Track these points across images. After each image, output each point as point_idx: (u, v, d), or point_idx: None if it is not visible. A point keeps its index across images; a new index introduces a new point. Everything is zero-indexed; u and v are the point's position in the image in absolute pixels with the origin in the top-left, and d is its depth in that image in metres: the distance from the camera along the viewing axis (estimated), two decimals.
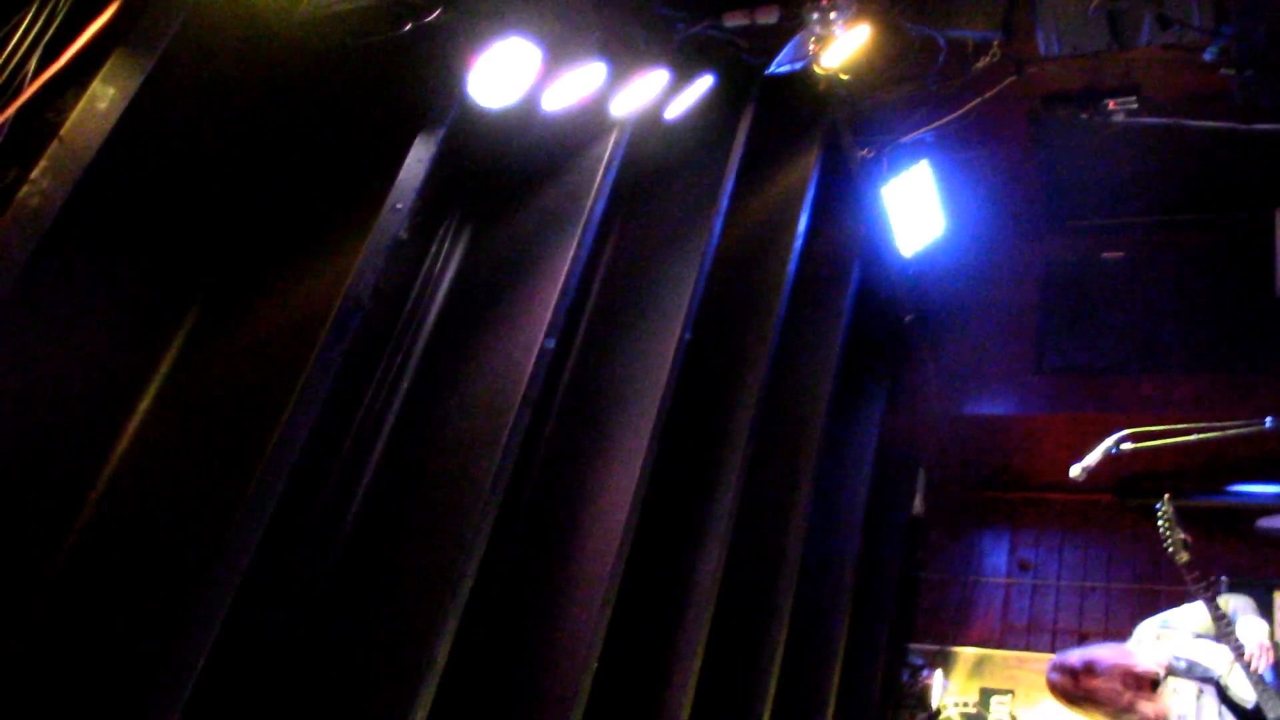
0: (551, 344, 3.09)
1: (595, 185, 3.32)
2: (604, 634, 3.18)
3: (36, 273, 2.08)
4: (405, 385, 3.18)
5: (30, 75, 1.91)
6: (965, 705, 5.44)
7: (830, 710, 4.70)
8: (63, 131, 1.92)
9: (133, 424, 2.50)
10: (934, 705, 5.42)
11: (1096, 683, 3.11)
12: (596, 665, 3.14)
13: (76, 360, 2.45)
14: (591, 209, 3.29)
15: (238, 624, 2.31)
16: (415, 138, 2.72)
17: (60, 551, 2.39)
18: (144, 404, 2.52)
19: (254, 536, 2.26)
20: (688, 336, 3.65)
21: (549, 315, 3.10)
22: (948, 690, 5.48)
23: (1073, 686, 3.14)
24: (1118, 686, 3.09)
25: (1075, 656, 3.21)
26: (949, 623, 5.78)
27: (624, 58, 3.26)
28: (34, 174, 1.88)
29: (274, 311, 2.59)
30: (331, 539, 2.94)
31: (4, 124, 1.88)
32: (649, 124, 3.57)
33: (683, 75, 3.55)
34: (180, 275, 2.63)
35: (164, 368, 2.56)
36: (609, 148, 3.39)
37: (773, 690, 4.07)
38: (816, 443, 4.54)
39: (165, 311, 2.59)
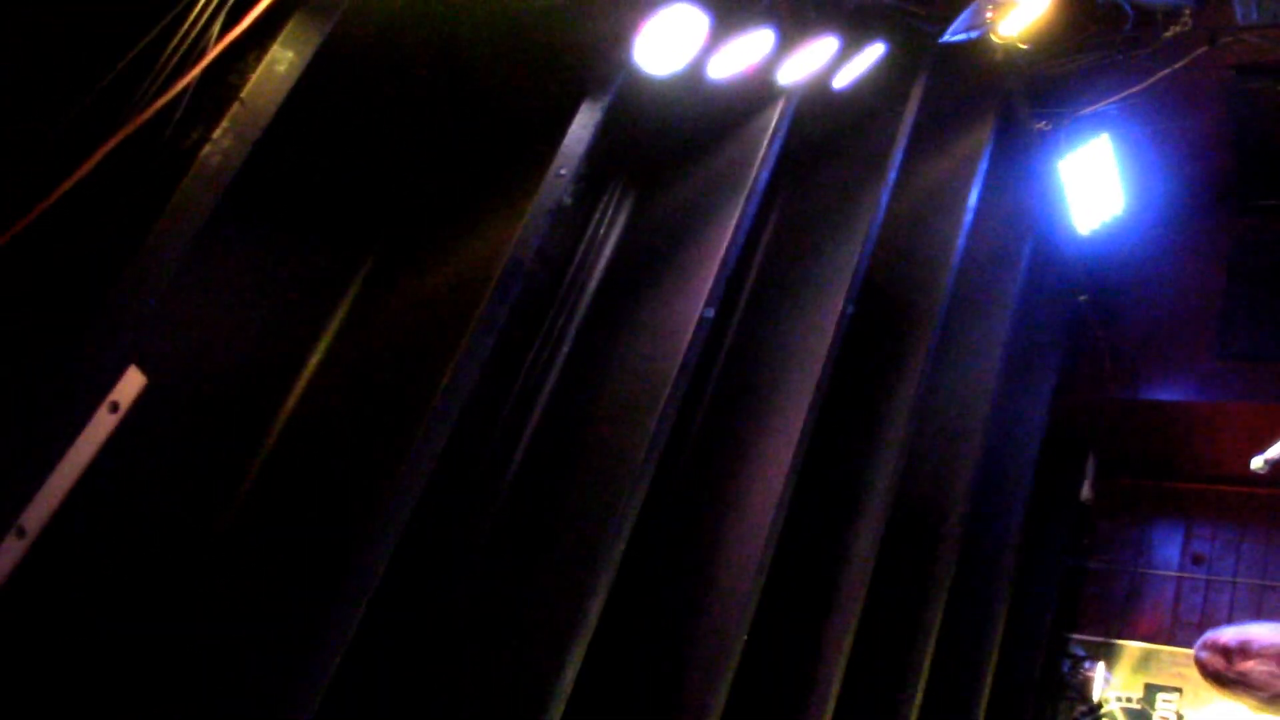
0: (711, 313, 3.08)
1: (760, 154, 3.29)
2: (756, 601, 3.16)
3: (218, 230, 2.16)
4: (565, 349, 3.22)
5: (213, 39, 1.98)
6: (1129, 701, 5.25)
7: (985, 695, 4.59)
8: (243, 94, 1.99)
9: (304, 376, 2.59)
10: (1095, 698, 5.25)
11: (1251, 664, 2.93)
12: (746, 635, 3.12)
13: (254, 314, 2.56)
14: (756, 178, 3.26)
15: (399, 576, 2.38)
16: (581, 104, 2.73)
17: (236, 497, 2.51)
18: (315, 358, 2.61)
19: (416, 488, 2.31)
20: (850, 310, 3.59)
21: (709, 285, 3.09)
22: (1110, 684, 5.30)
23: (1224, 667, 2.96)
24: (1275, 669, 2.91)
25: (1229, 634, 3.02)
26: (1115, 614, 5.58)
27: (792, 25, 3.22)
28: (215, 134, 1.95)
29: (439, 273, 2.65)
30: (491, 498, 3.00)
31: (188, 86, 1.95)
32: (816, 93, 3.51)
33: (852, 43, 3.48)
34: (351, 236, 2.71)
35: (333, 324, 2.66)
36: (775, 117, 3.36)
37: (926, 671, 4.00)
38: (981, 423, 4.43)
39: (336, 270, 2.68)
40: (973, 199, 4.27)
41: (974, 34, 3.77)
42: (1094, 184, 4.90)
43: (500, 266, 2.53)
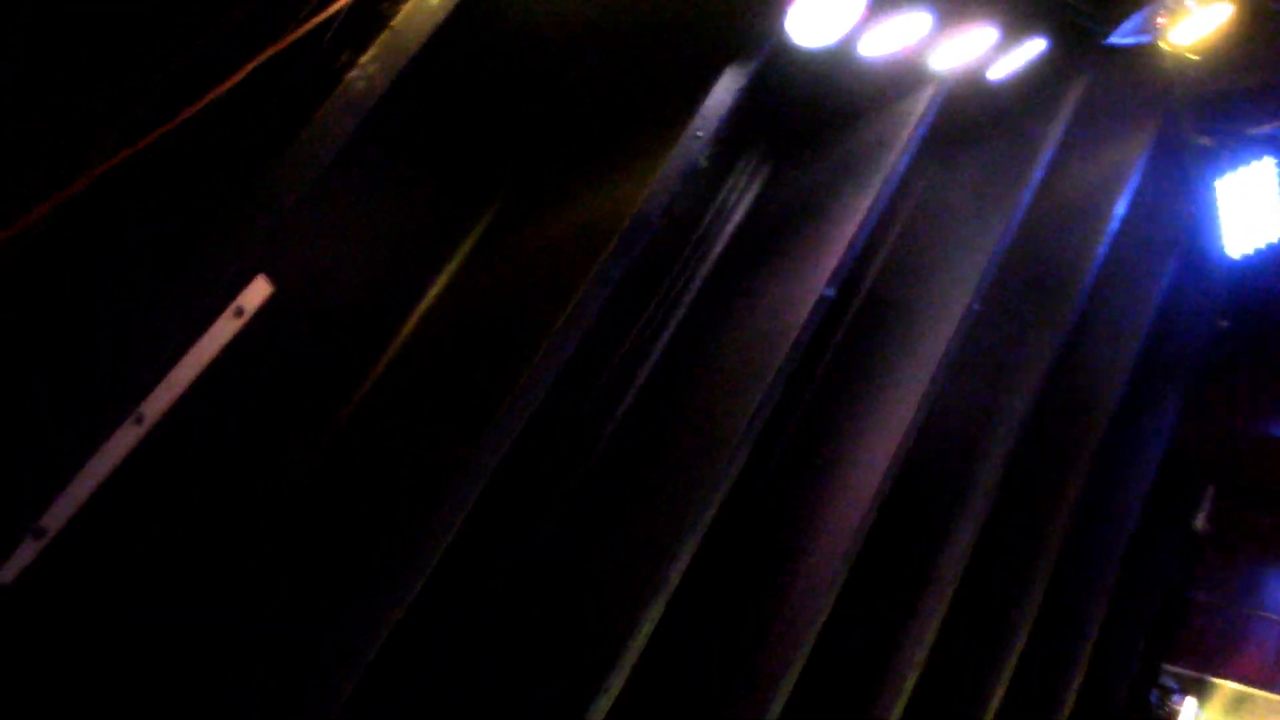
0: (832, 293, 3.06)
1: (904, 138, 3.24)
2: (839, 587, 3.15)
3: (357, 154, 2.22)
4: (681, 311, 3.23)
5: None
6: None
7: (1066, 714, 4.49)
8: (394, 22, 2.03)
9: (423, 304, 2.65)
10: None
11: None
12: (825, 618, 3.11)
13: (383, 239, 2.63)
14: (896, 162, 3.21)
15: (484, 517, 2.43)
16: (726, 68, 2.72)
17: (343, 413, 2.58)
18: (435, 288, 2.67)
19: (517, 424, 2.35)
20: (976, 308, 3.53)
21: (834, 264, 3.06)
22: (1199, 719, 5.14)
23: None
24: None
25: None
26: (1214, 651, 5.39)
27: (952, 10, 3.15)
28: (363, 59, 2.00)
29: (566, 220, 2.68)
30: (586, 450, 3.04)
31: (341, 11, 2.00)
32: (968, 81, 3.43)
33: (1012, 35, 3.39)
34: (483, 175, 2.75)
35: (457, 257, 2.71)
36: (923, 102, 3.29)
37: (1007, 678, 3.94)
38: (1097, 437, 4.31)
39: (466, 206, 2.73)
40: (1120, 207, 4.14)
41: (1142, 39, 3.65)
42: (1252, 208, 4.69)
43: (627, 220, 2.55)
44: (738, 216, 3.39)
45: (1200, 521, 5.46)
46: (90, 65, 1.94)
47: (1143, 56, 3.90)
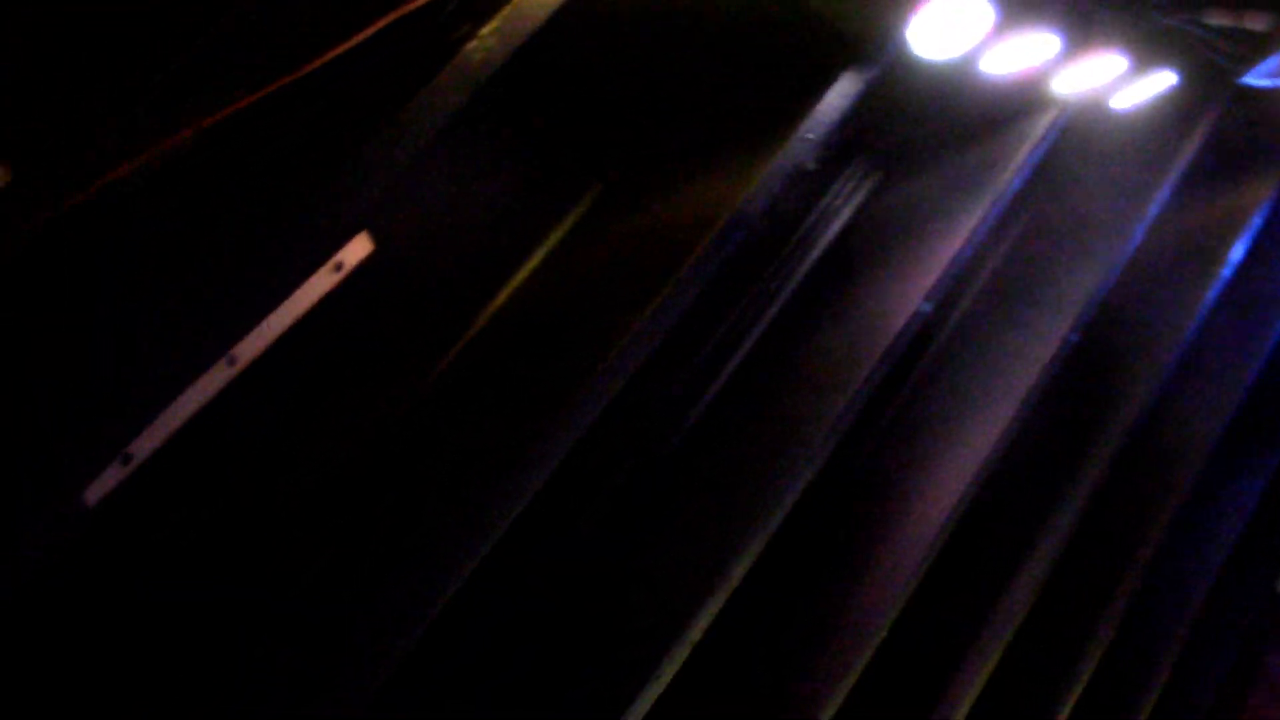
0: (929, 308, 3.03)
1: (1017, 160, 3.19)
2: (903, 603, 3.12)
3: (468, 125, 2.25)
4: (772, 311, 3.22)
5: None
6: None
7: None
8: None
9: (517, 279, 2.68)
10: None
11: None
12: (884, 635, 3.09)
13: (485, 211, 2.66)
14: (1007, 183, 3.17)
15: (543, 504, 2.44)
16: (843, 72, 2.71)
17: (429, 376, 2.62)
18: (531, 263, 2.70)
19: (598, 402, 2.36)
20: (1074, 339, 3.46)
21: (933, 279, 3.03)
22: None
23: None
24: None
25: None
26: None
27: (1081, 34, 3.08)
28: (483, 30, 2.02)
29: (663, 210, 2.69)
30: (662, 442, 3.04)
31: None
32: (1089, 109, 3.37)
33: (1141, 65, 3.31)
34: (588, 158, 2.77)
35: (555, 236, 2.73)
36: (1042, 125, 3.24)
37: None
38: (1184, 486, 4.20)
39: (568, 187, 2.75)
40: (1235, 253, 4.03)
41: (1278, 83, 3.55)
42: None
43: (726, 216, 2.55)
44: (839, 223, 3.36)
45: None
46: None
47: (1275, 99, 3.79)
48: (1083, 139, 3.61)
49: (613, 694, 2.58)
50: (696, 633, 2.69)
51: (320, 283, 2.28)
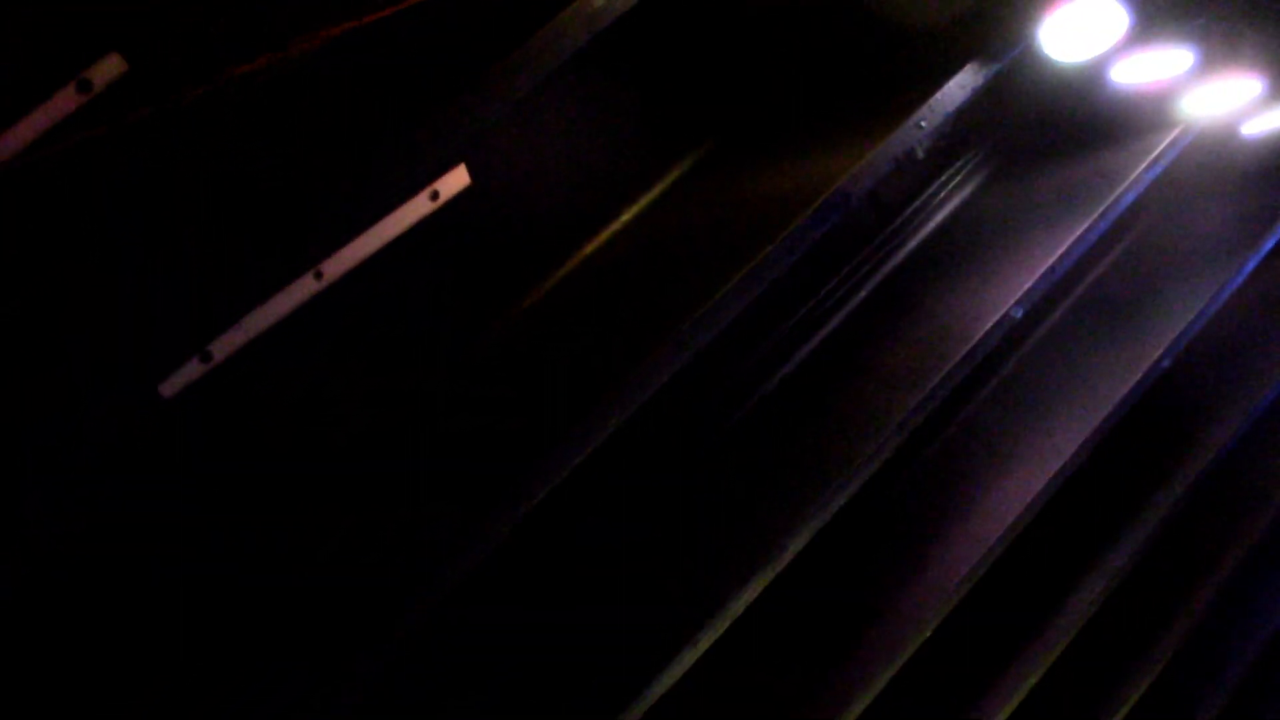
0: (1020, 314, 2.96)
1: (1133, 175, 3.09)
2: (953, 602, 3.08)
3: (582, 69, 2.24)
4: (859, 295, 3.18)
5: None
6: None
7: None
8: None
9: (610, 228, 2.67)
10: None
11: None
12: (928, 633, 3.05)
13: (587, 158, 2.65)
14: (1120, 197, 3.07)
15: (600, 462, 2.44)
16: (967, 63, 2.65)
17: (515, 316, 2.63)
18: (626, 215, 2.68)
19: (671, 366, 2.35)
20: (1165, 365, 3.38)
21: (1028, 285, 2.95)
22: None
23: None
24: None
25: None
26: None
27: (1218, 53, 2.98)
28: None
29: (766, 179, 2.66)
30: (727, 414, 3.02)
31: None
32: (1216, 131, 3.26)
33: (1276, 92, 3.19)
34: (697, 117, 2.75)
35: (653, 192, 2.72)
36: (1164, 142, 3.14)
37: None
38: (1253, 539, 4.10)
39: (673, 144, 2.74)
40: None
41: None
42: None
43: (828, 192, 2.51)
44: (940, 216, 3.31)
45: None
46: None
47: None
48: (1205, 162, 3.50)
49: (645, 660, 2.58)
50: (739, 606, 2.68)
51: (415, 209, 2.29)
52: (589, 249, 2.68)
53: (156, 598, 2.25)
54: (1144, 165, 3.11)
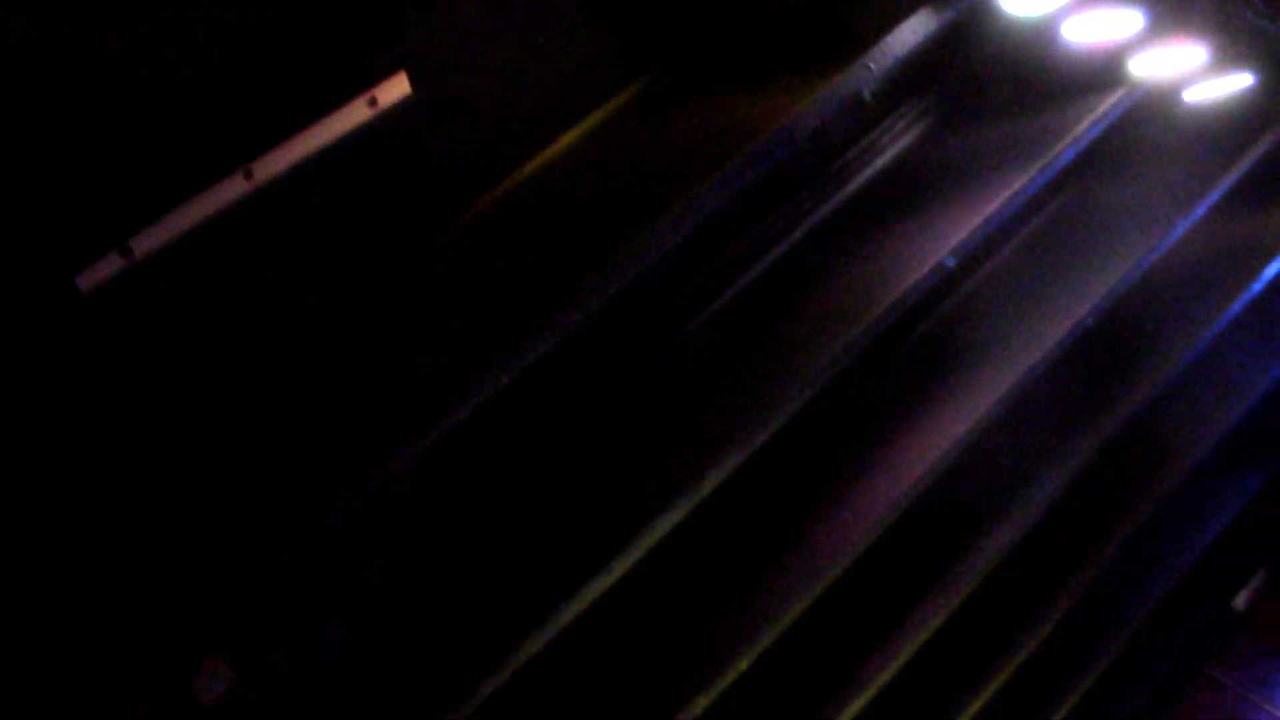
0: (952, 263, 2.98)
1: (1074, 132, 3.11)
2: (864, 546, 3.11)
3: None
4: (795, 235, 3.18)
5: None
6: None
7: None
8: None
9: (551, 150, 2.64)
10: None
11: None
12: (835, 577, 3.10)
13: (531, 77, 2.60)
14: (1060, 154, 3.09)
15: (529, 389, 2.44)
16: (921, 8, 2.64)
17: (450, 232, 2.60)
18: (567, 138, 2.65)
19: (597, 300, 2.34)
20: (1088, 324, 3.42)
21: (963, 235, 2.97)
22: None
23: None
24: None
25: None
26: None
27: (1167, 17, 2.99)
28: None
29: (711, 112, 2.63)
30: (658, 344, 3.02)
31: None
32: (1159, 97, 3.28)
33: (1221, 60, 3.21)
34: (646, 44, 2.71)
35: (595, 117, 2.68)
36: (1107, 103, 3.15)
37: (987, 696, 3.91)
38: (1163, 496, 4.19)
39: (619, 68, 2.70)
40: (1270, 270, 3.97)
41: None
42: None
43: (772, 130, 2.50)
44: (881, 161, 3.30)
45: (1239, 601, 5.35)
46: None
47: None
48: (1145, 125, 3.53)
49: (555, 586, 2.60)
50: (658, 533, 2.70)
51: (353, 114, 2.24)
52: (527, 170, 2.64)
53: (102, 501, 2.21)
54: (1087, 123, 3.13)
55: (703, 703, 2.98)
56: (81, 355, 2.05)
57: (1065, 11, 2.81)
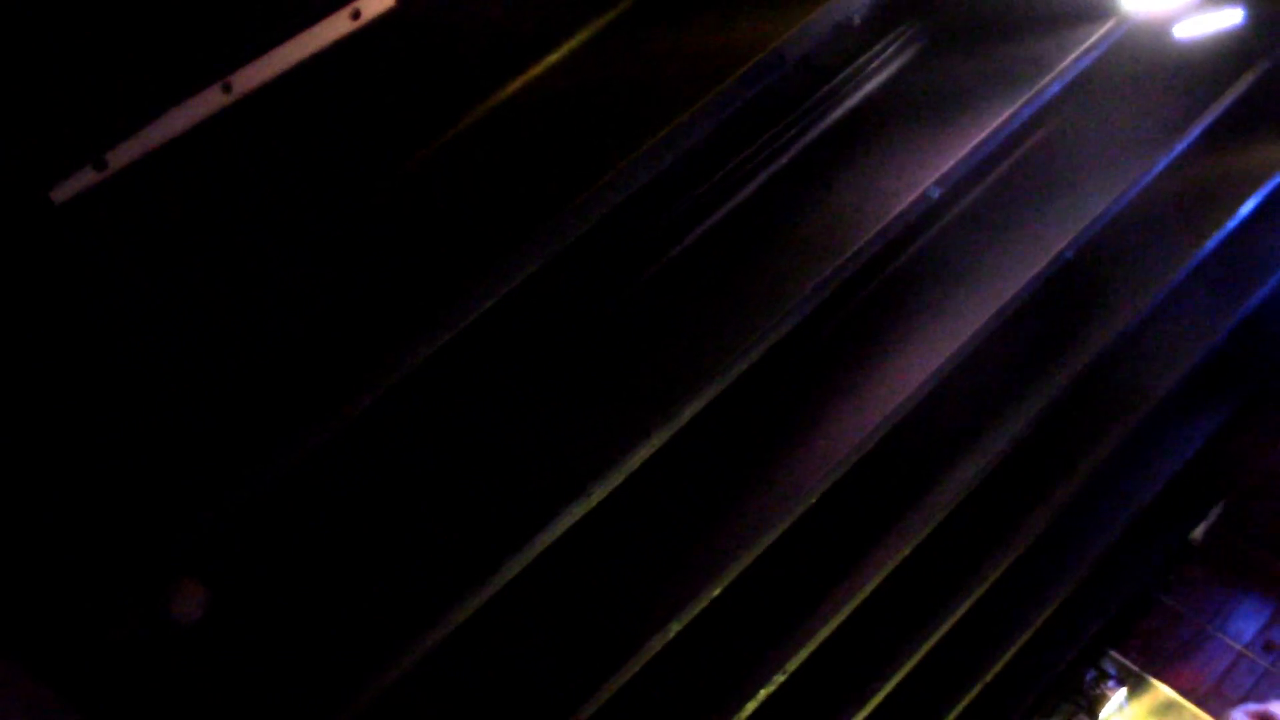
0: (937, 194, 2.96)
1: (1064, 64, 3.07)
2: (835, 476, 3.13)
3: None
4: (782, 160, 3.14)
5: None
6: None
7: (996, 669, 4.54)
8: None
9: (537, 68, 2.58)
10: (1101, 717, 5.19)
11: None
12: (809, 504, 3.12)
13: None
14: (1046, 86, 3.06)
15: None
16: None
17: (431, 149, 2.54)
18: (553, 56, 2.59)
19: (581, 224, 2.30)
20: (1068, 256, 3.42)
21: (948, 166, 2.94)
22: (1123, 711, 5.22)
23: None
24: None
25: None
26: (1162, 654, 5.44)
27: None
28: None
29: (700, 33, 2.58)
30: (639, 270, 2.98)
31: None
32: (1149, 30, 3.25)
33: None
34: None
35: (582, 35, 2.62)
36: (1096, 34, 3.11)
37: (945, 628, 3.98)
38: (1128, 428, 4.24)
39: None
40: (1246, 207, 3.98)
41: None
42: None
43: (762, 53, 2.44)
44: (869, 87, 3.26)
45: (1197, 533, 5.45)
46: None
47: None
48: (1131, 58, 3.51)
49: (529, 516, 2.59)
50: (634, 462, 2.69)
51: (333, 26, 2.17)
52: (510, 89, 2.58)
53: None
54: (1075, 55, 3.09)
55: (656, 646, 3.03)
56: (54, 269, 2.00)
57: None
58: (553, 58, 2.62)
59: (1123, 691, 5.22)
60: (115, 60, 1.79)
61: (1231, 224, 3.96)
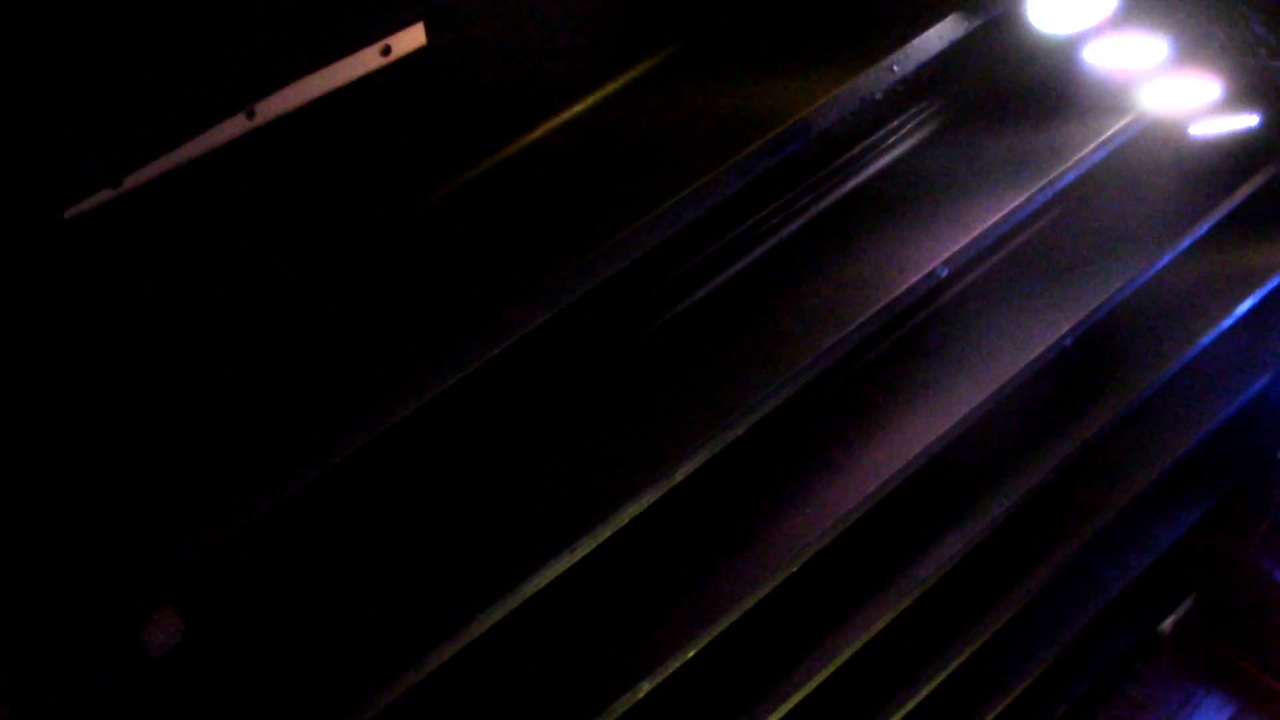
0: (945, 273, 2.95)
1: (1078, 155, 3.08)
2: (828, 539, 3.11)
3: None
4: (793, 227, 3.12)
5: None
6: None
7: None
8: None
9: (562, 116, 2.57)
10: None
11: None
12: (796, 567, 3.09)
13: (549, 39, 2.53)
14: (1060, 175, 3.06)
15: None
16: (949, 15, 2.58)
17: (450, 188, 2.53)
18: (579, 107, 2.58)
19: (612, 266, 2.29)
20: (1067, 343, 3.42)
21: (957, 247, 2.94)
22: None
23: None
24: None
25: None
26: None
27: (1188, 51, 2.97)
28: None
29: (728, 95, 2.57)
30: (638, 329, 2.97)
31: None
32: (1165, 127, 3.27)
33: (1232, 99, 3.20)
34: (668, 20, 2.65)
35: (608, 88, 2.61)
36: (1113, 128, 3.13)
37: (923, 694, 3.96)
38: (1107, 517, 4.24)
39: (637, 42, 2.63)
40: (1242, 307, 3.99)
41: None
42: None
43: (788, 122, 2.44)
44: (885, 160, 3.25)
45: (1167, 624, 5.44)
46: None
47: None
48: (1147, 152, 3.52)
49: (522, 560, 2.56)
50: (624, 518, 2.67)
51: (365, 61, 2.14)
52: (535, 135, 2.56)
53: None
54: (1092, 146, 3.10)
55: (646, 687, 2.99)
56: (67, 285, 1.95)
57: (1093, 33, 2.77)
58: (578, 107, 2.60)
59: None
60: (140, 84, 1.76)
61: (1227, 322, 3.98)
